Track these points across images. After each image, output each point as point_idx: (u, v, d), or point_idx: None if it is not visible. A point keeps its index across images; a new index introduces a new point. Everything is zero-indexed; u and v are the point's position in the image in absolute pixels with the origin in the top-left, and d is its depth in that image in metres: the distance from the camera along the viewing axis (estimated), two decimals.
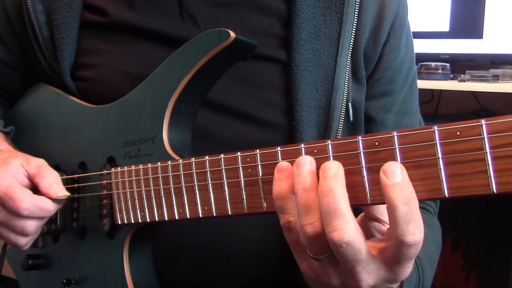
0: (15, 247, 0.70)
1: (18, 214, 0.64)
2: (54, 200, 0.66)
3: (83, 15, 0.77)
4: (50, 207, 0.66)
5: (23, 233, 0.66)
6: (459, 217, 1.73)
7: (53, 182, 0.66)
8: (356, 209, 0.49)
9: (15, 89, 0.87)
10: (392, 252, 0.45)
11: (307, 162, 0.48)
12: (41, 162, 0.69)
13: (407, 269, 0.47)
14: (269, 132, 0.72)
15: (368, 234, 0.52)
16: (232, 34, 0.60)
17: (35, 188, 0.67)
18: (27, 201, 0.64)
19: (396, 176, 0.43)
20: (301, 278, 0.54)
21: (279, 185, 0.49)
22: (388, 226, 0.46)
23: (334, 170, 0.46)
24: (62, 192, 0.67)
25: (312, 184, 0.47)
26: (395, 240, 0.44)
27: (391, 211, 0.43)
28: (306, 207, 0.46)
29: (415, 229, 0.43)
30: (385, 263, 0.47)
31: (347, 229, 0.44)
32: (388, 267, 0.47)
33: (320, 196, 0.45)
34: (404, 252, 0.44)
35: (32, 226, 0.66)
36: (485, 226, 1.76)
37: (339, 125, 0.71)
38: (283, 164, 0.49)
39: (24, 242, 0.68)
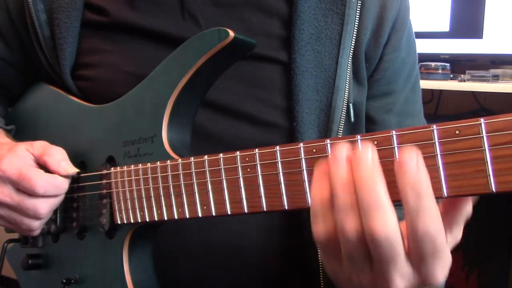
0: (27, 233, 0.71)
1: (33, 193, 0.65)
2: (64, 177, 0.67)
3: (84, 15, 0.77)
4: (63, 184, 0.67)
5: (36, 215, 0.66)
6: None
7: (61, 160, 0.68)
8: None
9: (16, 87, 0.87)
10: (412, 247, 0.43)
11: (343, 148, 0.44)
12: (44, 143, 0.69)
13: (435, 273, 0.44)
14: (269, 133, 0.72)
15: None
16: (231, 33, 0.60)
17: (43, 169, 0.67)
18: (41, 179, 0.65)
19: (411, 166, 0.41)
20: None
21: (320, 188, 0.45)
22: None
23: (369, 157, 0.42)
24: (71, 169, 0.68)
25: (350, 176, 0.43)
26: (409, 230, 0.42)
27: (404, 203, 0.42)
28: (346, 204, 0.43)
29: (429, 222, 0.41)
30: (413, 265, 0.44)
31: (387, 224, 0.41)
32: (416, 270, 0.44)
33: (358, 189, 0.42)
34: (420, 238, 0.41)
35: (45, 208, 0.66)
36: (485, 226, 1.76)
37: (339, 127, 0.71)
38: (323, 163, 0.45)
39: (37, 225, 0.68)
